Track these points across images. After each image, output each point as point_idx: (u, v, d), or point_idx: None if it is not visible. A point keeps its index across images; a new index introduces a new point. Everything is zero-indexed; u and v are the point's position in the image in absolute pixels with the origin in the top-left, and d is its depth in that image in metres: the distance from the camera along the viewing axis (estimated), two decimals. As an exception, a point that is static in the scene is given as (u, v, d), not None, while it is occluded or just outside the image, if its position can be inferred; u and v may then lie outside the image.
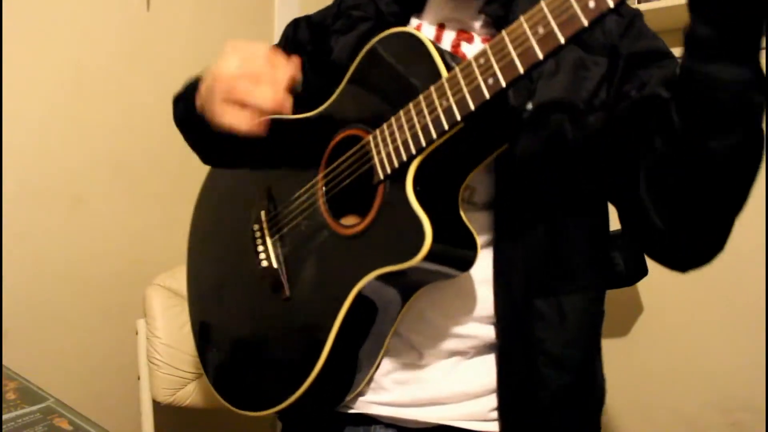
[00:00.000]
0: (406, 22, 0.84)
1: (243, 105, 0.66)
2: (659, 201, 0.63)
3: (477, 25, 0.79)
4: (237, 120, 0.66)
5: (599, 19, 0.51)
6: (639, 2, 1.52)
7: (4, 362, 0.81)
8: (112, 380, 1.46)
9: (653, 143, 0.62)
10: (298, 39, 0.94)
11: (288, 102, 0.67)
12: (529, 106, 0.71)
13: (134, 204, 1.52)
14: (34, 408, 0.68)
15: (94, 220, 1.46)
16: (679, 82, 0.59)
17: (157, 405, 1.23)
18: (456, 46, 0.79)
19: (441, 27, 0.81)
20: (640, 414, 1.69)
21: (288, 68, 0.68)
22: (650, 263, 1.51)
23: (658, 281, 1.58)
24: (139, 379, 1.24)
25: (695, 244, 0.66)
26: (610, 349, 1.70)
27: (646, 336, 1.70)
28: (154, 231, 1.55)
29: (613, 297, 1.60)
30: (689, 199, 0.62)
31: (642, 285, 1.59)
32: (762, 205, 1.43)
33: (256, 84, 0.66)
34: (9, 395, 0.71)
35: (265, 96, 0.65)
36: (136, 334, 1.26)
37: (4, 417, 0.65)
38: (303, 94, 0.84)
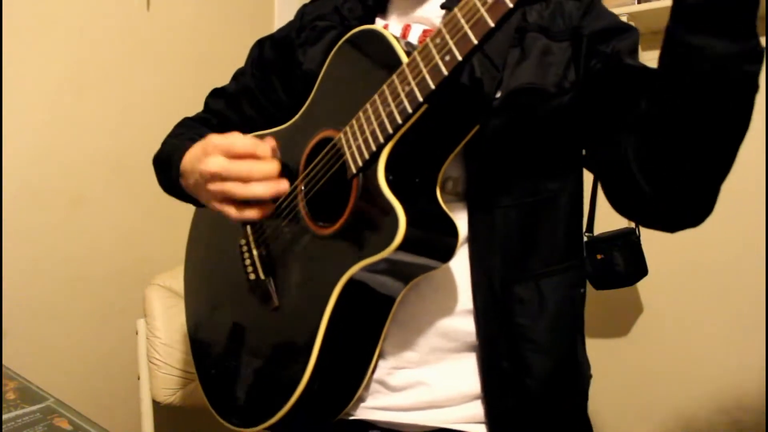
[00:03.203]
0: (370, 23, 0.84)
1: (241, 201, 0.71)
2: (646, 168, 0.64)
3: (440, 20, 0.79)
4: (240, 214, 0.72)
5: None
6: (639, 2, 1.52)
7: (4, 362, 0.81)
8: (112, 380, 1.47)
9: (639, 113, 0.63)
10: (264, 59, 0.95)
11: (284, 184, 0.71)
12: (499, 94, 0.72)
13: (134, 204, 1.52)
14: (34, 408, 0.68)
15: (93, 220, 1.46)
16: (667, 53, 0.59)
17: (157, 405, 1.23)
18: (422, 42, 0.79)
19: (407, 26, 0.82)
20: (640, 414, 1.69)
21: (272, 153, 0.72)
22: (650, 262, 1.51)
23: (658, 281, 1.58)
24: (139, 379, 1.24)
25: (684, 207, 0.66)
26: (610, 349, 1.72)
27: (646, 336, 1.70)
28: (154, 231, 1.55)
29: (613, 297, 1.62)
30: (678, 166, 0.62)
31: (642, 285, 1.59)
32: (762, 205, 1.44)
33: (247, 183, 0.69)
34: (9, 395, 0.71)
35: (259, 192, 0.70)
36: (136, 334, 1.26)
37: (4, 417, 0.65)
38: (284, 112, 0.87)
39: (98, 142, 1.46)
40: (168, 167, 0.85)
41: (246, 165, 0.69)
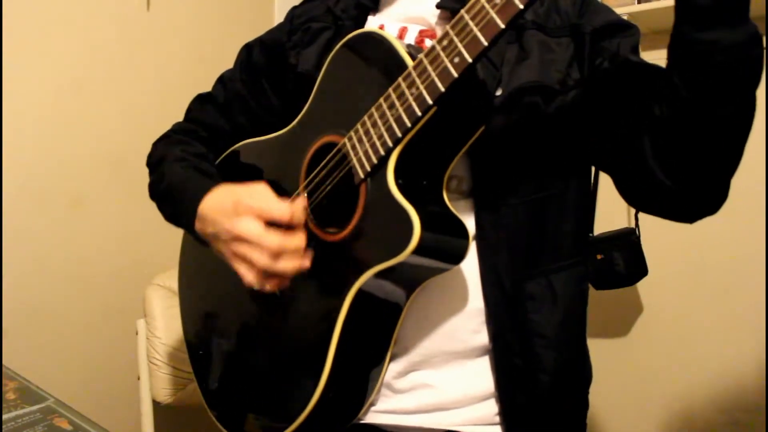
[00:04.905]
0: (363, 23, 0.84)
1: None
2: (667, 164, 0.64)
3: (437, 20, 0.80)
4: (261, 284, 0.70)
5: None
6: (639, 2, 1.52)
7: (4, 362, 0.81)
8: (112, 380, 1.47)
9: (654, 112, 0.63)
10: (253, 63, 0.93)
11: (308, 260, 0.70)
12: (499, 92, 0.72)
13: (134, 204, 1.52)
14: (34, 408, 0.68)
15: (93, 220, 1.46)
16: (679, 53, 0.60)
17: (157, 405, 1.23)
18: (419, 42, 0.79)
19: (403, 29, 0.81)
20: (640, 414, 1.69)
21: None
22: (650, 262, 1.51)
23: (658, 281, 1.58)
24: (139, 379, 1.24)
25: (704, 197, 0.67)
26: (610, 349, 1.72)
27: (646, 336, 1.69)
28: (154, 231, 1.54)
29: (613, 297, 1.62)
30: (699, 157, 0.63)
31: (642, 285, 1.59)
32: (762, 206, 1.44)
33: (276, 257, 0.68)
34: (9, 395, 0.71)
35: (286, 269, 0.69)
36: (136, 334, 1.26)
37: (4, 417, 0.65)
38: (276, 118, 0.86)
39: (98, 142, 1.46)
40: (178, 204, 0.82)
41: (277, 241, 0.68)
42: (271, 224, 0.69)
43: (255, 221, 0.69)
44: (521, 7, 0.54)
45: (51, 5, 1.35)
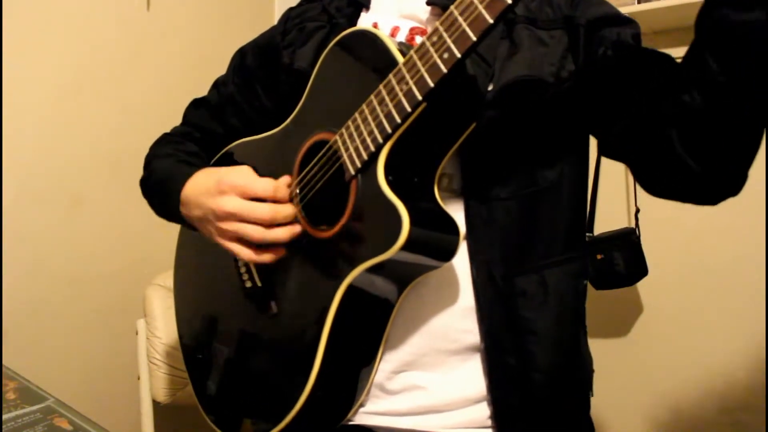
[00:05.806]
0: (357, 20, 0.84)
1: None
2: (699, 150, 0.63)
3: (428, 17, 0.80)
4: (258, 257, 0.73)
5: None
6: (639, 2, 1.52)
7: (4, 362, 0.81)
8: (112, 380, 1.47)
9: (684, 99, 0.62)
10: (246, 66, 0.93)
11: (298, 227, 0.73)
12: (491, 87, 0.72)
13: (134, 204, 1.51)
14: (34, 408, 0.68)
15: (93, 220, 1.46)
16: (716, 37, 0.59)
17: (157, 405, 1.23)
18: (410, 40, 0.79)
19: (396, 28, 0.81)
20: (640, 414, 1.69)
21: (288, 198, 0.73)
22: (650, 262, 1.51)
23: (658, 281, 1.58)
24: (139, 379, 1.24)
25: (729, 179, 0.66)
26: (610, 349, 1.72)
27: (646, 336, 1.70)
28: (154, 231, 1.54)
29: (613, 297, 1.62)
30: (733, 143, 0.62)
31: (642, 285, 1.59)
32: (762, 206, 1.43)
33: (268, 227, 0.71)
34: (9, 395, 0.71)
35: (280, 237, 0.71)
36: (136, 334, 1.26)
37: (4, 417, 0.65)
38: (268, 120, 0.87)
39: (98, 142, 1.46)
40: (164, 194, 0.84)
41: (268, 209, 0.70)
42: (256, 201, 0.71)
43: (237, 197, 0.71)
44: (509, 2, 0.55)
45: (51, 5, 1.35)
